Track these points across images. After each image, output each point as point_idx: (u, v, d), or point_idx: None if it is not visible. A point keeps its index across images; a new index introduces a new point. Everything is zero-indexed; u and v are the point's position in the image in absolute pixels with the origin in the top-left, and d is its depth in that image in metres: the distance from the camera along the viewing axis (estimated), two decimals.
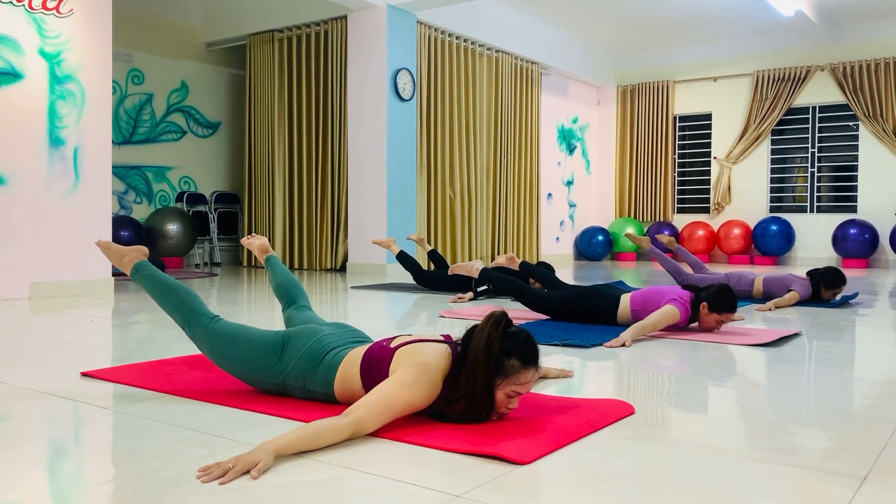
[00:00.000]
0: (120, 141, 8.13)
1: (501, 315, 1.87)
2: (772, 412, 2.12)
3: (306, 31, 8.35)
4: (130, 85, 8.29)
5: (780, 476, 1.58)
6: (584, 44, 10.97)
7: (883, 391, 2.41)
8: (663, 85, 11.34)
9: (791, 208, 10.63)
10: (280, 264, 2.77)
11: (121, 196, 8.20)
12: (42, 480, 1.54)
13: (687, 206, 11.43)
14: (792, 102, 10.40)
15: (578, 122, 11.55)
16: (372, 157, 7.65)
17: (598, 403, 2.10)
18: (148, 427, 1.90)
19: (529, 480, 1.53)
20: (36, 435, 1.85)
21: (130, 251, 2.42)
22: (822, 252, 10.25)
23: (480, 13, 8.85)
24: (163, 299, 2.29)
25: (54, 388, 2.33)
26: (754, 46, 10.59)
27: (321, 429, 1.67)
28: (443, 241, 8.53)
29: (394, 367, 1.91)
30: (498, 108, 9.42)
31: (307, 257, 8.40)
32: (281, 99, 8.55)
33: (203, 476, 1.50)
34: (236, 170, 9.42)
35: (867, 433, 1.91)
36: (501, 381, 1.83)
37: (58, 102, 5.17)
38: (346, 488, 1.48)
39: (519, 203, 9.89)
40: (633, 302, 3.70)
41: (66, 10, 5.19)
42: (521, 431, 1.80)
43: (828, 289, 4.97)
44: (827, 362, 2.95)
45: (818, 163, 10.43)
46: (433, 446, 1.72)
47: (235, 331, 2.19)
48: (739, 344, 3.27)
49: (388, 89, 7.57)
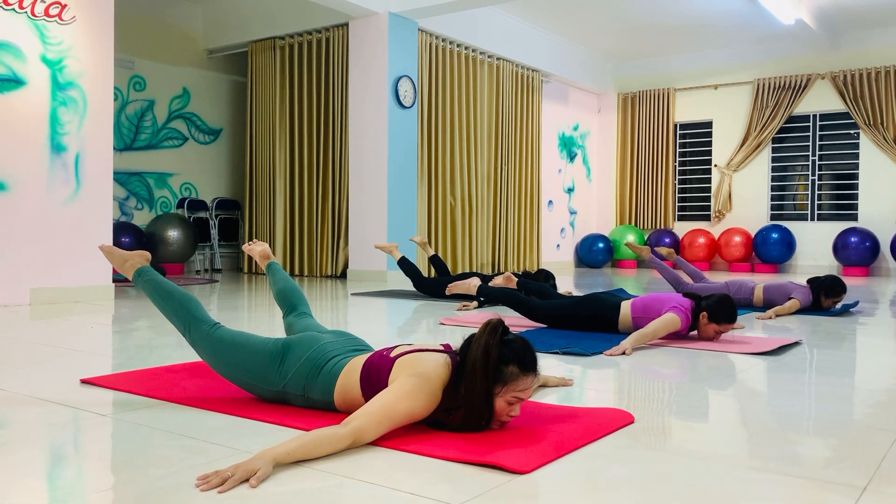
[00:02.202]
0: (121, 147, 8.14)
1: (498, 323, 1.88)
2: (772, 421, 2.12)
3: (308, 38, 8.37)
4: (132, 91, 8.31)
5: (780, 485, 1.58)
6: (585, 51, 11.00)
7: (883, 400, 2.41)
8: (664, 92, 11.36)
9: (792, 216, 10.63)
10: (281, 271, 2.78)
11: (122, 202, 8.21)
12: (41, 488, 1.54)
13: (687, 213, 11.43)
14: (792, 110, 10.42)
15: (579, 130, 11.56)
16: (373, 164, 7.66)
17: (597, 412, 2.10)
18: (147, 434, 1.90)
19: (529, 490, 1.53)
20: (35, 442, 1.85)
21: (133, 256, 2.43)
22: (822, 260, 10.25)
23: (481, 21, 8.87)
24: (164, 305, 2.29)
25: (54, 394, 2.33)
26: (755, 54, 10.61)
27: (320, 437, 1.67)
28: (444, 247, 8.53)
29: (393, 377, 1.91)
30: (499, 116, 9.43)
31: (308, 264, 8.40)
32: (282, 106, 8.57)
33: (202, 484, 1.50)
34: (237, 176, 9.43)
35: (867, 443, 1.90)
36: (500, 388, 1.83)
37: (59, 109, 5.18)
38: (345, 497, 1.48)
39: (519, 210, 9.89)
40: (634, 309, 3.71)
41: (68, 17, 5.21)
42: (521, 440, 1.80)
43: (828, 297, 4.97)
44: (827, 371, 2.95)
45: (819, 171, 10.44)
46: (432, 455, 1.71)
47: (236, 338, 2.19)
48: (740, 352, 3.27)
49: (390, 96, 7.59)
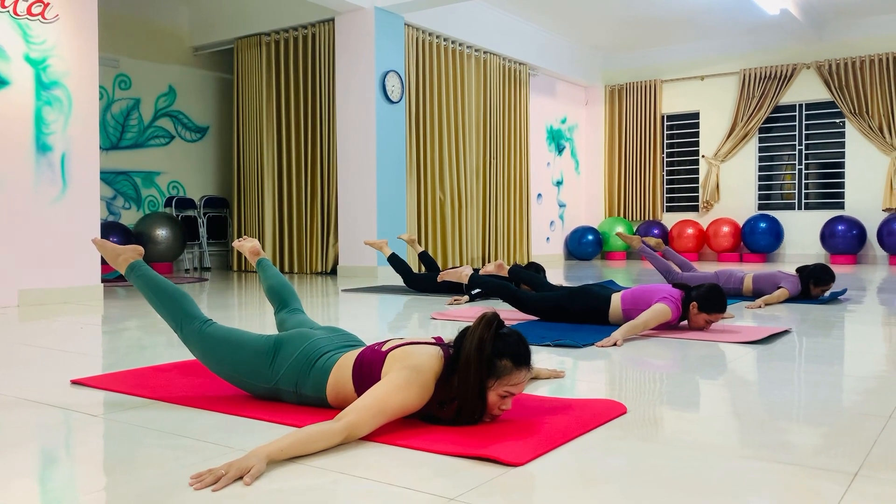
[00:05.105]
0: (107, 146, 8.09)
1: (493, 316, 1.88)
2: (763, 409, 2.13)
3: (293, 34, 8.34)
4: (117, 90, 8.26)
5: (772, 473, 1.59)
6: (572, 44, 11.00)
7: (872, 387, 2.42)
8: (651, 84, 11.38)
9: (779, 206, 10.68)
10: (271, 267, 2.77)
11: (109, 202, 8.16)
12: (33, 490, 1.53)
13: (676, 204, 11.47)
14: (778, 100, 10.46)
15: (567, 123, 11.58)
16: (361, 159, 7.65)
17: (590, 403, 2.11)
18: (139, 434, 1.89)
19: (523, 482, 1.53)
20: (26, 444, 1.84)
21: (126, 250, 2.41)
22: (810, 249, 10.31)
23: (468, 15, 8.86)
24: (156, 301, 2.28)
25: (44, 396, 2.31)
26: (741, 45, 10.65)
27: (314, 433, 1.67)
28: (433, 242, 8.53)
29: (385, 371, 1.91)
30: (487, 110, 9.42)
31: (297, 260, 8.38)
32: (269, 102, 8.53)
33: (196, 483, 1.50)
34: (225, 174, 9.39)
35: (858, 429, 1.92)
36: (493, 382, 1.84)
37: (44, 108, 5.14)
38: (339, 493, 1.48)
39: (509, 204, 9.90)
40: (624, 301, 3.72)
41: (51, 16, 5.17)
42: (514, 433, 1.81)
43: (817, 285, 5.00)
44: (817, 359, 2.97)
45: (805, 160, 10.49)
46: (426, 449, 1.72)
47: (228, 335, 2.18)
48: (730, 342, 3.28)
49: (377, 91, 7.57)
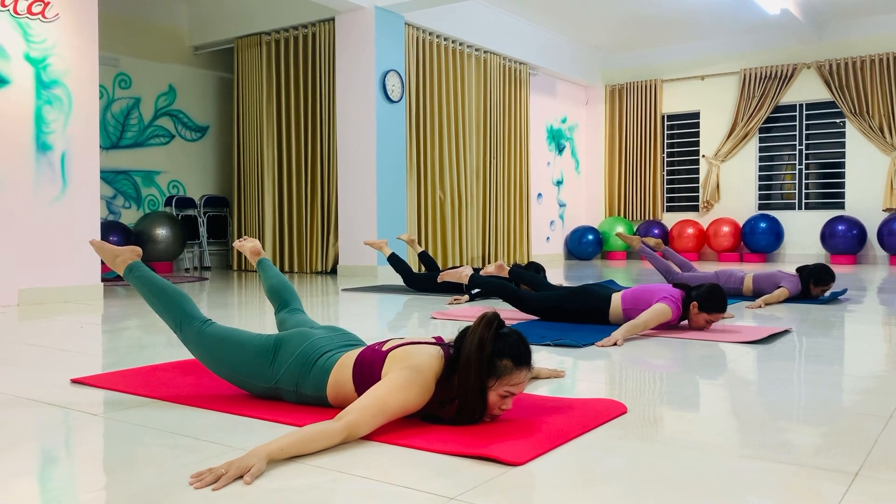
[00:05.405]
0: (108, 146, 8.09)
1: (493, 316, 1.87)
2: (763, 409, 2.13)
3: (294, 33, 8.34)
4: (117, 89, 8.25)
5: (773, 473, 1.59)
6: (572, 44, 11.00)
7: (873, 386, 2.42)
8: (651, 84, 11.38)
9: (779, 205, 10.68)
10: (272, 267, 2.77)
11: (109, 201, 8.16)
12: (33, 489, 1.53)
13: (676, 204, 11.47)
14: (779, 100, 10.46)
15: (567, 122, 11.57)
16: (361, 159, 7.64)
17: (590, 403, 2.11)
18: (139, 433, 1.89)
19: (523, 482, 1.53)
20: (26, 443, 1.84)
21: (124, 251, 2.41)
22: (810, 249, 10.31)
23: (468, 14, 8.85)
24: (155, 301, 2.28)
25: (44, 395, 2.31)
26: (741, 45, 10.64)
27: (314, 433, 1.67)
28: (433, 242, 8.53)
29: (386, 370, 1.90)
30: (487, 109, 9.42)
31: (297, 260, 8.38)
32: (269, 102, 8.53)
33: (196, 482, 1.49)
34: (225, 173, 9.39)
35: (858, 429, 1.92)
36: (494, 382, 1.84)
37: (44, 108, 5.14)
38: (339, 492, 1.48)
39: (509, 203, 9.90)
40: (624, 301, 3.71)
41: (51, 15, 5.16)
42: (515, 432, 1.80)
43: (817, 285, 5.00)
44: (817, 358, 2.97)
45: (806, 160, 10.49)
46: (426, 449, 1.71)
47: (227, 334, 2.18)
48: (730, 341, 3.28)
49: (377, 91, 7.56)
